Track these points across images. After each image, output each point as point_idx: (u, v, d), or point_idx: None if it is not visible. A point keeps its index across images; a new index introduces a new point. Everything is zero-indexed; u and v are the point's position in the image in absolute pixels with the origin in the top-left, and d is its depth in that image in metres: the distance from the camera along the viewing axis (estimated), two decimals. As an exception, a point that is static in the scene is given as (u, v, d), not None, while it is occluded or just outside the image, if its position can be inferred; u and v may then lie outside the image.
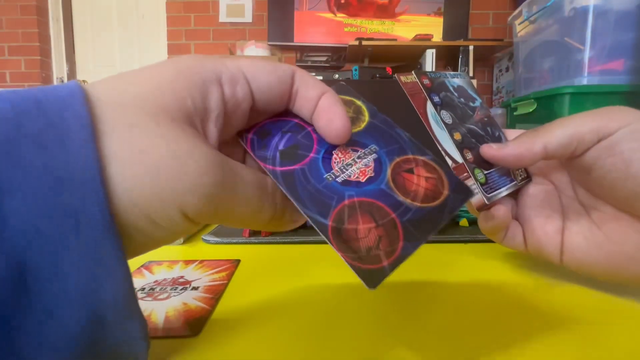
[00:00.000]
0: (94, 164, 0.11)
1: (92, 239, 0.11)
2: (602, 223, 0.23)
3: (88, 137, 0.12)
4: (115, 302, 0.12)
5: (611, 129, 0.20)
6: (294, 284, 0.26)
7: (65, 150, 0.11)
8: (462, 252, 0.33)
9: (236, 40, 2.48)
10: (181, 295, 0.24)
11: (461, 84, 0.28)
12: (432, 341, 0.19)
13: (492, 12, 2.46)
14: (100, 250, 0.11)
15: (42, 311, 0.11)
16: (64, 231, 0.11)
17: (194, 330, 0.19)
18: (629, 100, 1.26)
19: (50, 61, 2.57)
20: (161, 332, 0.19)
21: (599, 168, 0.21)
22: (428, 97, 0.25)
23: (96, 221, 0.11)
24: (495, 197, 0.24)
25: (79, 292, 0.11)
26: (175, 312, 0.21)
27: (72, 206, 0.11)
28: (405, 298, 0.23)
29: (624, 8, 1.27)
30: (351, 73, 2.08)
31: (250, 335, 0.19)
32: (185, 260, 0.30)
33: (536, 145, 0.22)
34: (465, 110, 0.27)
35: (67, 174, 0.11)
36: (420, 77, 0.26)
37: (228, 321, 0.21)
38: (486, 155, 0.24)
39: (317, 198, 0.16)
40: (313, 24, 2.41)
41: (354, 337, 0.19)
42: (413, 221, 0.15)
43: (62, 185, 0.11)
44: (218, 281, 0.26)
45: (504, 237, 0.26)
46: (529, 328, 0.20)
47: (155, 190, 0.12)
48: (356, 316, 0.21)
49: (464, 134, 0.25)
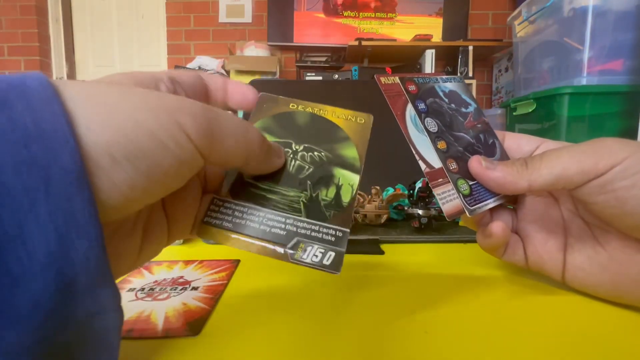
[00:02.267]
0: (61, 115, 0.11)
1: (63, 192, 0.10)
2: (606, 242, 0.22)
3: (51, 94, 0.11)
4: (87, 264, 0.11)
5: (600, 170, 0.20)
6: (294, 283, 0.26)
7: (31, 107, 0.11)
8: (462, 252, 0.33)
9: (236, 41, 2.48)
10: (181, 296, 0.24)
11: (454, 89, 0.27)
12: (432, 341, 0.19)
13: (492, 12, 2.46)
14: (71, 205, 0.11)
15: (4, 276, 0.09)
16: (32, 186, 0.10)
17: (194, 330, 0.19)
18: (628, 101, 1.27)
19: (50, 61, 2.57)
20: (161, 332, 0.19)
21: (594, 204, 0.21)
22: (412, 105, 0.24)
23: (68, 172, 0.11)
24: (479, 210, 0.23)
25: (47, 254, 0.10)
26: (175, 312, 0.21)
27: (42, 159, 0.10)
28: (405, 298, 0.23)
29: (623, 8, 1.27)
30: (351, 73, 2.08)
31: (250, 335, 0.19)
32: (185, 261, 0.30)
33: (521, 181, 0.22)
34: (455, 117, 0.26)
35: (35, 126, 0.11)
36: (405, 83, 0.25)
37: (228, 321, 0.21)
38: (472, 169, 0.23)
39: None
40: (313, 24, 2.41)
41: (354, 337, 0.19)
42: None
43: (29, 138, 0.10)
44: (218, 281, 0.26)
45: (504, 253, 0.25)
46: (529, 328, 0.20)
47: (150, 115, 0.13)
48: (356, 316, 0.21)
49: (450, 142, 0.24)
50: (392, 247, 0.34)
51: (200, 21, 2.54)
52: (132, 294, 0.24)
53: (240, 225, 0.18)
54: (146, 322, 0.20)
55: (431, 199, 0.38)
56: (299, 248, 0.17)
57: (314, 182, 0.19)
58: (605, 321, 0.21)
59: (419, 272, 0.28)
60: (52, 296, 0.10)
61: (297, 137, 0.20)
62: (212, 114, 0.15)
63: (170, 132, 0.13)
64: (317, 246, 0.17)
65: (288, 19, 2.40)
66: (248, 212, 0.18)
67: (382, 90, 0.24)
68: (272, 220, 0.18)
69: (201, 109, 0.14)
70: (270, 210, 0.18)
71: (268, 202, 0.18)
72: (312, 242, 0.17)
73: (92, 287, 0.11)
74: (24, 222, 0.10)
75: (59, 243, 0.10)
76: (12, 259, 0.10)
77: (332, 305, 0.22)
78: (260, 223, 0.18)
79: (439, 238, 0.36)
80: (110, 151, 0.12)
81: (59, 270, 0.10)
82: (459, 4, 2.39)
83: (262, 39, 2.42)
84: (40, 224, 0.10)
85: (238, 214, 0.18)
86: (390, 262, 0.30)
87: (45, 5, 2.52)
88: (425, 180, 0.38)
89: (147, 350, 0.18)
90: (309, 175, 0.19)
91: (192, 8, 2.53)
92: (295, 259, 0.17)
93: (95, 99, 0.12)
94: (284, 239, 0.17)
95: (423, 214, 0.37)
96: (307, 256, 0.17)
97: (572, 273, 0.23)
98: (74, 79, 2.36)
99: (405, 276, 0.27)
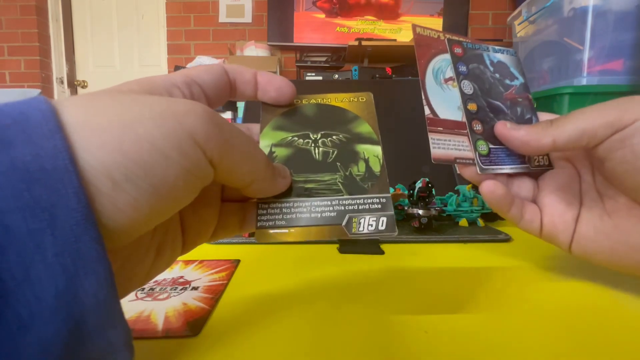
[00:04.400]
0: (64, 150, 0.11)
1: (69, 232, 0.10)
2: (613, 212, 0.23)
3: (54, 127, 0.11)
4: (96, 305, 0.11)
5: (626, 122, 0.20)
6: (294, 284, 0.26)
7: (32, 143, 0.10)
8: (462, 252, 0.33)
9: (236, 41, 2.48)
10: (181, 295, 0.24)
11: (504, 60, 0.28)
12: (432, 341, 0.19)
13: (492, 12, 2.46)
14: (79, 246, 0.10)
15: (14, 322, 0.09)
16: (37, 228, 0.10)
17: (194, 330, 0.19)
18: (629, 101, 1.26)
19: (50, 61, 2.57)
20: (161, 332, 0.19)
21: (611, 159, 0.21)
22: (453, 66, 0.25)
23: (73, 211, 0.10)
24: (490, 171, 0.24)
25: (56, 297, 0.10)
26: (175, 312, 0.21)
27: (46, 199, 0.10)
28: (405, 298, 0.23)
29: (623, 8, 1.27)
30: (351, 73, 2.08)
31: (250, 335, 0.19)
32: (185, 260, 0.30)
33: (545, 137, 0.22)
34: (496, 86, 0.27)
35: (37, 165, 0.10)
36: (452, 45, 0.26)
37: (228, 321, 0.21)
38: (496, 130, 0.24)
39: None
40: (312, 24, 2.41)
41: (354, 336, 0.19)
42: None
43: (32, 178, 0.10)
44: (218, 281, 0.26)
45: (521, 219, 0.25)
46: (529, 328, 0.20)
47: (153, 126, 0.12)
48: (356, 316, 0.21)
49: (482, 106, 0.25)
50: (392, 247, 0.34)
51: (200, 21, 2.54)
52: (132, 293, 0.24)
53: (293, 220, 0.18)
54: (146, 322, 0.20)
55: (431, 199, 0.38)
56: (353, 223, 0.18)
57: (342, 162, 0.20)
58: (606, 324, 0.21)
59: (419, 272, 0.28)
60: (63, 340, 0.10)
61: (312, 127, 0.21)
62: (221, 119, 0.14)
63: (174, 141, 0.12)
64: (369, 216, 0.18)
65: (288, 19, 2.40)
66: (295, 205, 0.19)
67: (414, 37, 0.25)
68: (319, 207, 0.19)
69: (210, 114, 0.14)
70: (314, 197, 0.19)
71: (309, 192, 0.19)
72: (362, 214, 0.18)
73: (102, 327, 0.11)
74: (30, 265, 0.10)
75: (67, 284, 0.10)
76: (21, 303, 0.09)
77: (332, 305, 0.22)
78: (310, 212, 0.18)
79: (439, 238, 0.36)
80: (110, 174, 0.11)
81: (69, 314, 0.10)
82: (459, 3, 2.39)
83: (262, 39, 2.42)
84: (48, 265, 0.10)
85: (286, 210, 0.19)
86: (390, 262, 0.30)
87: (45, 5, 2.52)
88: (426, 180, 0.38)
89: (147, 350, 0.18)
90: (336, 157, 0.20)
91: (192, 8, 2.53)
92: (353, 234, 0.18)
93: (95, 119, 0.12)
94: (336, 219, 0.18)
95: (423, 214, 0.37)
96: (363, 228, 0.18)
97: (577, 241, 0.24)
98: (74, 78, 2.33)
99: (405, 276, 0.27)
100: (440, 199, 0.43)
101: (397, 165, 0.51)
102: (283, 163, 0.20)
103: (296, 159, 0.20)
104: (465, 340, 0.19)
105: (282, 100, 0.20)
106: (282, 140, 0.20)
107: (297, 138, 0.21)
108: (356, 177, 0.19)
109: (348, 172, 0.20)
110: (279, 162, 0.20)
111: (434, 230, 0.37)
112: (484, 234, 0.37)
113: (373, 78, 1.93)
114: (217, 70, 0.18)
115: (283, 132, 0.21)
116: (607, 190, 0.24)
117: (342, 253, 0.32)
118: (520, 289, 0.25)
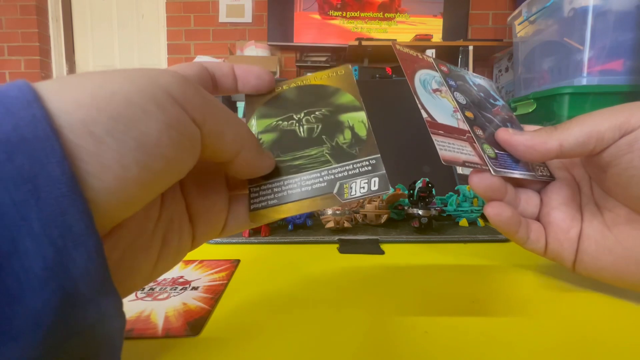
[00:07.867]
0: (43, 119, 0.10)
1: (55, 205, 0.10)
2: (614, 225, 0.22)
3: (32, 98, 0.11)
4: (87, 275, 0.11)
5: (634, 125, 0.20)
6: (294, 284, 0.26)
7: (11, 114, 0.10)
8: (462, 252, 0.33)
9: (236, 41, 2.49)
10: (181, 295, 0.24)
11: (483, 84, 0.29)
12: (432, 341, 0.19)
13: (492, 12, 2.46)
14: (65, 218, 0.10)
15: (3, 295, 0.09)
16: (21, 199, 0.10)
17: (194, 330, 0.19)
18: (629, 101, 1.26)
19: (50, 61, 2.57)
20: (161, 332, 0.19)
21: (616, 165, 0.20)
22: (444, 80, 0.26)
23: (57, 182, 0.10)
24: (503, 174, 0.23)
25: (44, 269, 0.10)
26: (175, 312, 0.21)
27: (28, 169, 0.10)
28: (405, 298, 0.23)
29: (623, 8, 1.27)
30: (351, 73, 2.07)
31: (250, 335, 0.19)
32: (185, 260, 0.30)
33: (551, 141, 0.21)
34: (484, 103, 0.27)
35: (18, 135, 0.10)
36: (438, 63, 0.27)
37: (228, 321, 0.21)
38: (499, 137, 0.23)
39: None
40: (313, 24, 2.41)
41: (354, 336, 0.19)
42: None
43: (13, 149, 0.10)
44: (218, 281, 0.26)
45: (527, 240, 0.24)
46: (529, 328, 0.20)
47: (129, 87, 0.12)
48: (356, 316, 0.21)
49: (478, 116, 0.25)
50: (392, 247, 0.34)
51: (200, 21, 2.54)
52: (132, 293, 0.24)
53: (284, 197, 0.19)
54: (146, 322, 0.20)
55: (431, 199, 0.38)
56: (345, 188, 0.18)
57: (328, 134, 0.20)
58: (606, 325, 0.21)
59: (419, 272, 0.28)
60: (53, 310, 0.10)
61: (295, 109, 0.21)
62: (198, 85, 0.14)
63: (149, 95, 0.12)
64: (360, 179, 0.18)
65: (288, 19, 2.40)
66: (285, 183, 0.19)
67: (396, 54, 0.25)
68: (309, 180, 0.19)
69: (185, 77, 0.14)
70: (303, 172, 0.19)
71: (298, 168, 0.19)
72: (353, 179, 0.18)
73: (93, 297, 0.11)
74: (17, 237, 0.09)
75: (56, 257, 0.10)
76: (9, 276, 0.09)
77: (332, 305, 0.22)
78: (300, 187, 0.19)
79: (439, 238, 0.36)
80: (89, 130, 0.11)
81: (59, 284, 0.10)
82: (459, 3, 2.39)
83: (262, 39, 2.42)
84: (35, 238, 0.10)
85: (277, 189, 0.19)
86: (390, 262, 0.30)
87: (45, 5, 2.52)
88: (426, 180, 0.38)
89: (147, 350, 0.18)
90: (321, 131, 0.20)
91: (192, 8, 2.53)
92: (346, 199, 0.18)
93: (68, 86, 0.12)
94: (327, 188, 0.18)
95: (423, 214, 0.37)
96: (355, 192, 0.18)
97: (580, 259, 0.23)
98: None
99: (405, 276, 0.27)
100: (441, 199, 0.43)
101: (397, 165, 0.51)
102: (269, 147, 0.20)
103: (282, 140, 0.20)
104: (465, 340, 0.19)
105: (263, 87, 0.21)
106: (267, 126, 0.21)
107: (282, 121, 0.21)
108: (343, 145, 0.20)
109: (334, 142, 0.20)
110: (265, 148, 0.20)
111: (434, 230, 0.37)
112: (484, 234, 0.37)
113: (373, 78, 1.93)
114: (197, 66, 0.19)
115: (268, 119, 0.21)
116: (605, 202, 0.23)
117: (342, 253, 0.32)
118: (520, 289, 0.25)
